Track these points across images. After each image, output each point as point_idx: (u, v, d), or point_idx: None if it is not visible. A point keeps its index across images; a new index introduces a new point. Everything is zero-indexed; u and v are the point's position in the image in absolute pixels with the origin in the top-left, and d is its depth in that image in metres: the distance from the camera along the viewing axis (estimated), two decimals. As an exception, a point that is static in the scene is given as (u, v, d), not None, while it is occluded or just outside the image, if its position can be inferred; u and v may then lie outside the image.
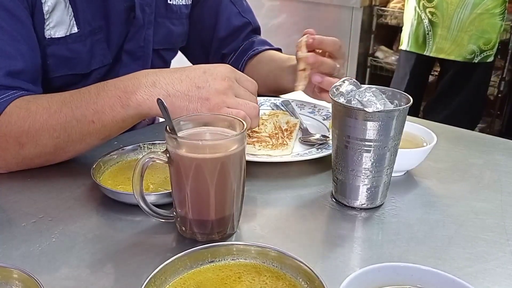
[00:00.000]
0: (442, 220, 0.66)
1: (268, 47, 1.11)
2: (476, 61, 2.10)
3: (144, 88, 0.69)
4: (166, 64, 1.05)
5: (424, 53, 2.16)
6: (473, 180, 0.77)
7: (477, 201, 0.70)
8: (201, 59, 1.13)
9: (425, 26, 2.10)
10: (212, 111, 0.68)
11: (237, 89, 0.72)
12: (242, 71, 1.03)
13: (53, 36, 0.80)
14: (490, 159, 0.85)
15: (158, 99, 0.56)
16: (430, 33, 2.10)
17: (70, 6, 0.80)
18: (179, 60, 1.13)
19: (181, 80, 0.70)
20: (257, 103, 0.74)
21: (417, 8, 2.10)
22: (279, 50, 1.12)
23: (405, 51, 2.24)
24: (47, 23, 0.79)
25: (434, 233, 0.63)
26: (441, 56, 2.14)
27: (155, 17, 0.94)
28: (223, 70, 0.71)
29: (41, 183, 0.71)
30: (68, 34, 0.82)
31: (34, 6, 0.77)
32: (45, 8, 0.78)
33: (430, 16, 2.07)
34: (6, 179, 0.72)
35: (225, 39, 1.10)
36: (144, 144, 0.76)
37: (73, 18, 0.81)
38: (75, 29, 0.82)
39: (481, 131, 2.52)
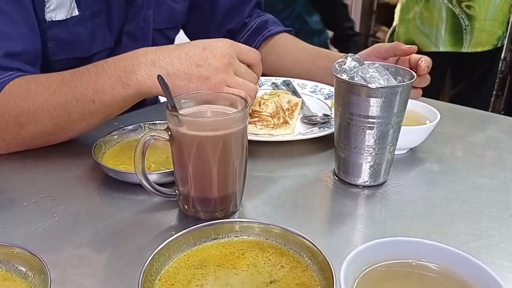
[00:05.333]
0: (445, 196, 0.65)
1: (281, 28, 1.09)
2: (499, 45, 2.08)
3: (144, 67, 0.68)
4: (170, 42, 1.04)
5: (462, 51, 2.05)
6: (476, 157, 0.77)
7: (480, 177, 0.70)
8: (202, 37, 1.12)
9: (462, 21, 2.00)
10: (213, 90, 0.68)
11: (237, 66, 0.71)
12: None
13: (53, 19, 0.79)
14: (493, 136, 0.85)
15: (159, 76, 0.56)
16: (468, 28, 2.00)
17: None
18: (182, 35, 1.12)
19: (181, 59, 0.69)
20: (257, 80, 0.73)
21: (448, 5, 1.98)
22: (290, 32, 1.11)
23: (436, 52, 2.04)
24: (47, 6, 0.78)
25: (437, 209, 0.62)
26: (478, 49, 2.03)
27: None
28: (222, 46, 0.70)
29: (42, 163, 0.71)
30: (69, 17, 0.81)
31: None
32: None
33: (467, 10, 1.98)
34: (6, 160, 0.71)
35: (229, 12, 1.07)
36: (145, 124, 0.75)
37: (74, 1, 0.81)
38: (76, 12, 0.81)
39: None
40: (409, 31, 2.06)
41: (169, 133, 0.56)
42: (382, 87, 0.60)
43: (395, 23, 2.12)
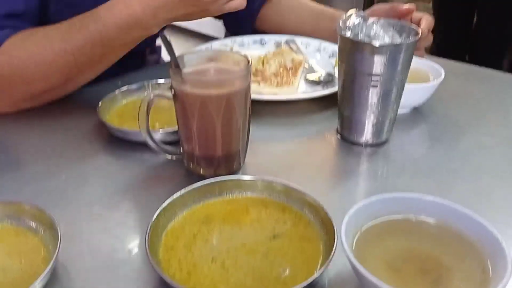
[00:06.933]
0: (447, 154, 0.66)
1: None
2: None
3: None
4: None
5: None
6: (480, 116, 0.77)
7: (483, 135, 0.70)
8: None
9: None
10: None
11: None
12: (257, 15, 1.01)
13: None
14: (498, 94, 0.84)
15: (162, 34, 0.55)
16: None
17: None
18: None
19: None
20: None
21: None
22: None
23: None
24: None
25: (439, 167, 0.63)
26: None
27: None
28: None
29: (48, 123, 0.71)
30: None
31: None
32: None
33: None
34: (12, 120, 0.72)
35: None
36: (149, 82, 0.75)
37: None
38: None
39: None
40: None
41: (173, 91, 0.56)
42: (386, 45, 0.59)
43: None
